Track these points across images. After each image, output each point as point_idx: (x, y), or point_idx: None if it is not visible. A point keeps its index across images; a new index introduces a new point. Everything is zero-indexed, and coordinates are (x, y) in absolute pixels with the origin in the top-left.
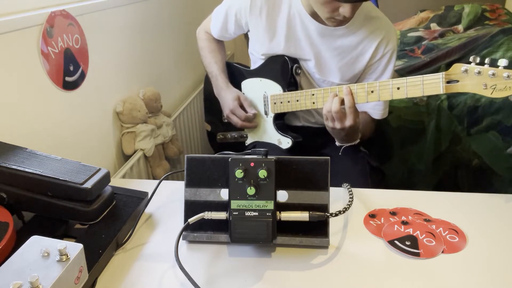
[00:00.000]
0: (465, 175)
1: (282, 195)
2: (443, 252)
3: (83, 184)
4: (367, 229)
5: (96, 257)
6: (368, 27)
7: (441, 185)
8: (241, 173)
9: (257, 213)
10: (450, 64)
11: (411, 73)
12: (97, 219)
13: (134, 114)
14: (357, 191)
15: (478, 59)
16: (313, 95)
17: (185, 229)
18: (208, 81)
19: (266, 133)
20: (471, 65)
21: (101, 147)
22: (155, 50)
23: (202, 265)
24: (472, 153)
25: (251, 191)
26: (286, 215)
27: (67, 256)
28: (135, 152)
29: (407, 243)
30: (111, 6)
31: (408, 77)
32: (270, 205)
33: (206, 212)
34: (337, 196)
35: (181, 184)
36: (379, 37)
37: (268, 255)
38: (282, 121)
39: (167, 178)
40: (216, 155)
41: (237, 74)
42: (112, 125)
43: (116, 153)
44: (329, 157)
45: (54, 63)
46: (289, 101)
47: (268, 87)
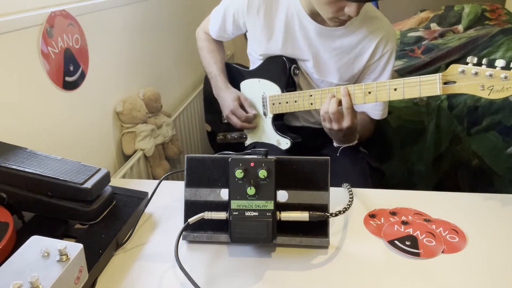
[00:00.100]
0: (465, 175)
1: (282, 195)
2: (443, 252)
3: (83, 184)
4: (367, 229)
5: (96, 257)
6: (367, 27)
7: (441, 185)
8: (241, 173)
9: (257, 213)
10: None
11: (411, 73)
12: (97, 219)
13: (134, 114)
14: (357, 191)
15: (475, 60)
16: (311, 96)
17: (185, 229)
18: (208, 81)
19: (265, 134)
20: (468, 65)
21: (101, 147)
22: (155, 50)
23: (202, 265)
24: (472, 153)
25: (251, 191)
26: (286, 215)
27: (67, 256)
28: (135, 152)
29: (407, 243)
30: (111, 6)
31: (405, 78)
32: (270, 205)
33: (206, 212)
34: (337, 196)
35: (181, 184)
36: (378, 37)
37: (268, 255)
38: (281, 122)
39: (167, 178)
40: (216, 155)
41: (236, 74)
42: (112, 125)
43: (116, 153)
44: (329, 157)
45: (54, 63)
46: (287, 102)
47: (267, 87)
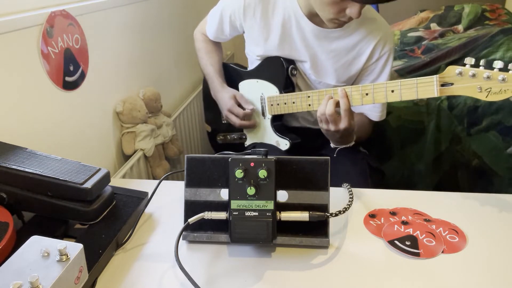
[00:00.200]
0: (465, 175)
1: (282, 195)
2: (443, 252)
3: (83, 184)
4: (367, 229)
5: (96, 257)
6: (364, 28)
7: (441, 185)
8: (241, 173)
9: (257, 213)
10: (450, 64)
11: (411, 73)
12: (97, 219)
13: (134, 114)
14: (357, 191)
15: (473, 61)
16: (308, 97)
17: (185, 229)
18: (207, 82)
19: (264, 135)
20: (465, 67)
21: (101, 147)
22: (155, 50)
23: (202, 265)
24: (472, 153)
25: (251, 191)
26: (286, 215)
27: (67, 256)
28: (135, 152)
29: (407, 243)
30: (111, 6)
31: (402, 80)
32: (270, 205)
33: (206, 212)
34: (337, 196)
35: (181, 184)
36: (376, 39)
37: (268, 255)
38: (280, 122)
39: (167, 178)
40: (216, 155)
41: (234, 75)
42: (112, 125)
43: (116, 153)
44: (329, 157)
45: (54, 63)
46: (285, 103)
47: (265, 88)
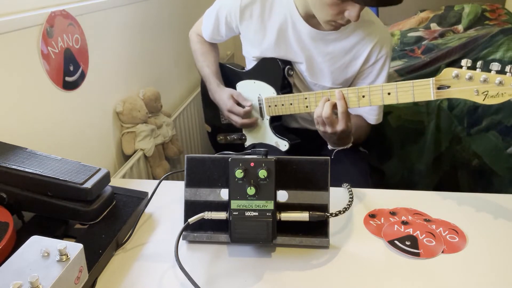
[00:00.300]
0: (465, 175)
1: (282, 195)
2: (443, 252)
3: (83, 184)
4: (367, 229)
5: (96, 257)
6: (361, 31)
7: (441, 185)
8: (241, 173)
9: (257, 213)
10: (450, 64)
11: (411, 73)
12: (97, 219)
13: (134, 114)
14: (357, 191)
15: (470, 63)
16: (305, 98)
17: (185, 229)
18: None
19: (264, 135)
20: (462, 69)
21: (101, 147)
22: (155, 50)
23: (202, 265)
24: (472, 153)
25: (251, 191)
26: (286, 215)
27: (67, 256)
28: (135, 152)
29: (407, 243)
30: (111, 6)
31: (398, 82)
32: (270, 205)
33: (206, 212)
34: (337, 196)
35: (181, 184)
36: (373, 42)
37: (268, 255)
38: (279, 123)
39: (167, 178)
40: (216, 155)
41: (231, 75)
42: (112, 125)
43: (116, 153)
44: (329, 157)
45: (54, 63)
46: (283, 104)
47: (262, 89)
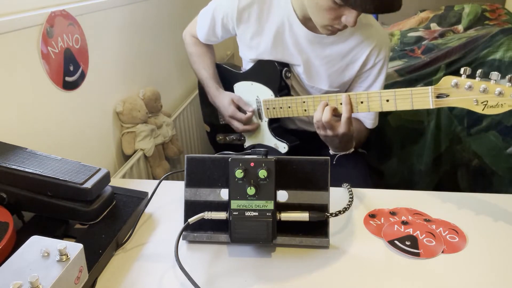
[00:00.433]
0: (465, 175)
1: (282, 195)
2: (443, 252)
3: (83, 184)
4: (367, 229)
5: (96, 257)
6: (359, 34)
7: (441, 185)
8: (241, 173)
9: (257, 213)
10: (450, 64)
11: (411, 73)
12: (97, 219)
13: (134, 114)
14: (357, 191)
15: (469, 71)
16: (304, 102)
17: (185, 229)
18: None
19: (263, 137)
20: (461, 78)
21: (101, 147)
22: (155, 50)
23: (202, 265)
24: (472, 153)
25: (251, 191)
26: (286, 215)
27: (67, 256)
28: (135, 152)
29: (407, 243)
30: (111, 6)
31: (396, 90)
32: (270, 205)
33: (206, 212)
34: (337, 196)
35: (181, 184)
36: (371, 46)
37: (268, 255)
38: (278, 124)
39: (167, 178)
40: (216, 155)
41: (228, 76)
42: (112, 125)
43: (116, 153)
44: (329, 157)
45: (54, 63)
46: (281, 107)
47: (260, 91)
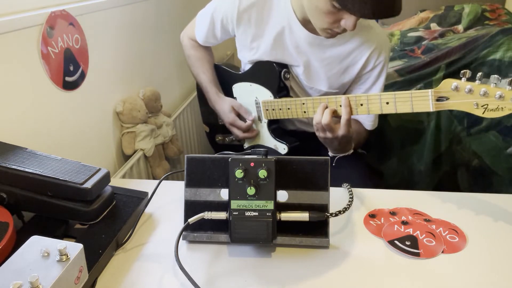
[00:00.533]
0: (465, 175)
1: (282, 195)
2: (443, 252)
3: (83, 184)
4: (367, 229)
5: (96, 257)
6: (359, 37)
7: (441, 185)
8: (241, 173)
9: (257, 213)
10: (450, 64)
11: (411, 73)
12: (97, 219)
13: (134, 114)
14: (357, 191)
15: (469, 74)
16: (303, 104)
17: (185, 229)
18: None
19: (262, 139)
20: (461, 81)
21: (101, 147)
22: (155, 50)
23: (202, 265)
24: (472, 153)
25: (251, 191)
26: (286, 215)
27: (67, 256)
28: (135, 152)
29: (407, 243)
30: (111, 6)
31: (396, 92)
32: (270, 205)
33: (206, 212)
34: (337, 196)
35: (181, 184)
36: (371, 48)
37: (268, 255)
38: (277, 125)
39: (167, 178)
40: (216, 155)
41: (227, 77)
42: (112, 125)
43: (116, 153)
44: (328, 157)
45: (54, 63)
46: (280, 109)
47: (259, 92)
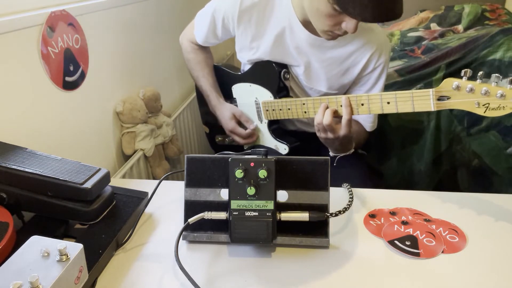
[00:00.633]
0: (465, 175)
1: (282, 195)
2: (443, 252)
3: (83, 184)
4: (367, 229)
5: (96, 257)
6: (360, 38)
7: (441, 185)
8: (241, 173)
9: (257, 213)
10: (450, 64)
11: (411, 73)
12: (97, 219)
13: (134, 114)
14: (357, 191)
15: (470, 73)
16: (303, 104)
17: (185, 229)
18: None
19: (263, 139)
20: (462, 80)
21: (101, 147)
22: (155, 50)
23: (202, 265)
24: (472, 153)
25: (251, 191)
26: (286, 215)
27: (67, 256)
28: (135, 152)
29: (407, 243)
30: (111, 6)
31: (397, 92)
32: (270, 205)
33: (206, 212)
34: (337, 196)
35: (181, 184)
36: (371, 50)
37: (268, 255)
38: (277, 126)
39: (167, 178)
40: (216, 155)
41: (226, 78)
42: (112, 125)
43: (116, 153)
44: (328, 157)
45: (54, 63)
46: (281, 109)
47: (259, 93)
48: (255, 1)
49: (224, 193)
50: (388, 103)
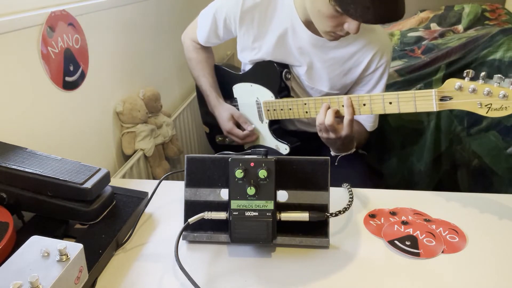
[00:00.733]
0: (465, 175)
1: (282, 195)
2: (443, 252)
3: (83, 184)
4: (367, 229)
5: (96, 257)
6: (362, 39)
7: (441, 185)
8: (241, 173)
9: (257, 213)
10: (450, 64)
11: (411, 73)
12: (97, 219)
13: (134, 114)
14: (357, 191)
15: (472, 73)
16: (305, 104)
17: (185, 229)
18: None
19: (263, 139)
20: (465, 80)
21: (101, 147)
22: (155, 50)
23: (202, 265)
24: (472, 153)
25: (251, 191)
26: (286, 215)
27: (67, 256)
28: (135, 152)
29: (407, 243)
30: (111, 6)
31: (399, 92)
32: (270, 205)
33: (206, 212)
34: (337, 196)
35: (181, 184)
36: (374, 50)
37: (268, 255)
38: (278, 126)
39: (167, 178)
40: (216, 155)
41: (227, 78)
42: (112, 125)
43: (116, 153)
44: (328, 157)
45: (54, 63)
46: (282, 109)
47: (260, 93)
48: (257, 1)
49: (224, 193)
50: (390, 103)
